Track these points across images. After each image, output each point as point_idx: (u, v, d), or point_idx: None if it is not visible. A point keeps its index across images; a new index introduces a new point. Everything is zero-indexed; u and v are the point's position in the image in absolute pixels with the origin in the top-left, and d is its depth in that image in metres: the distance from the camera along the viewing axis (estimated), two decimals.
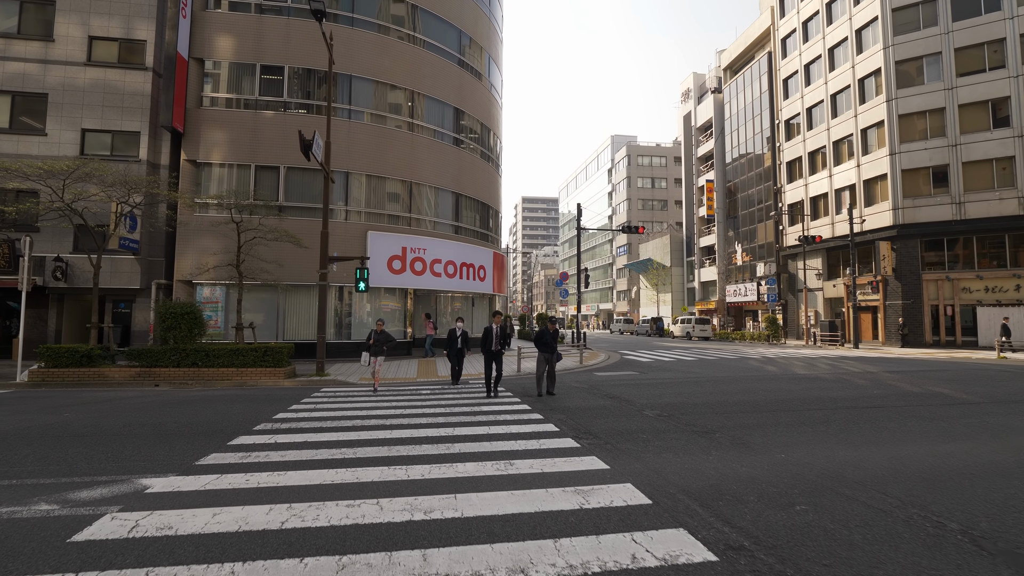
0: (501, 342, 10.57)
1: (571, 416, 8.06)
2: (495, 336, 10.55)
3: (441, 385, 12.33)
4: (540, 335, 10.56)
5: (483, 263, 22.87)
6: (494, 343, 10.50)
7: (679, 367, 16.66)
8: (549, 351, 10.37)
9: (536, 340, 10.56)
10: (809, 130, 35.86)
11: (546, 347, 10.35)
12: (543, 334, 10.53)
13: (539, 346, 10.41)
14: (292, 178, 18.54)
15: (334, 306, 18.85)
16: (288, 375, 13.23)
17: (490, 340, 10.48)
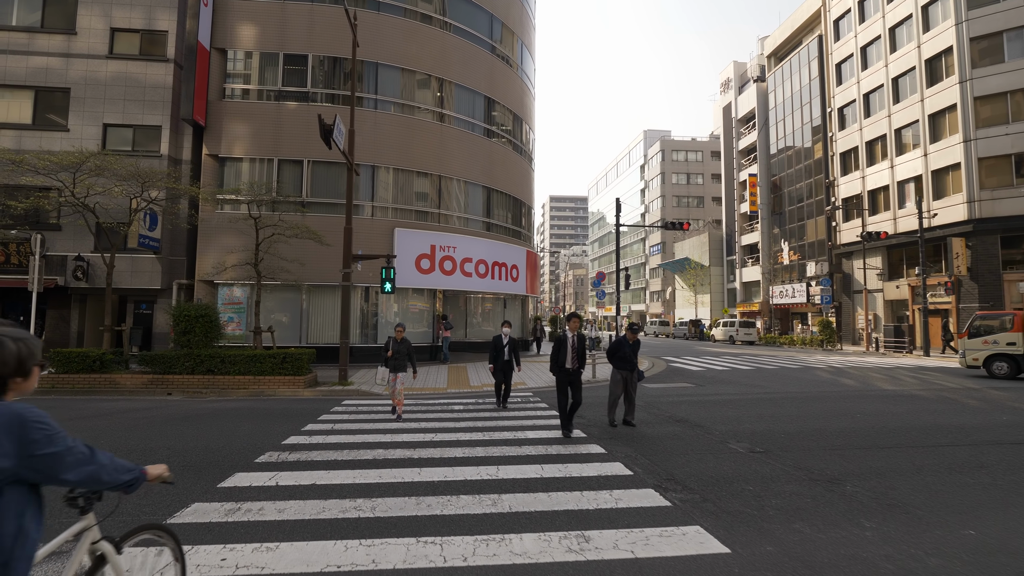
0: (580, 359, 7.42)
1: (640, 450, 6.53)
2: (571, 350, 7.35)
3: (475, 399, 10.95)
4: (616, 347, 8.17)
5: (516, 262, 21.46)
6: (569, 359, 7.32)
7: (738, 379, 14.88)
8: (628, 367, 8.11)
9: (610, 354, 8.21)
10: (867, 118, 33.21)
11: (623, 362, 8.09)
12: (620, 346, 8.18)
13: (614, 361, 8.15)
14: (317, 172, 17.50)
15: (359, 307, 17.74)
16: (308, 383, 12.08)
17: (564, 354, 7.33)
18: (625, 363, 8.12)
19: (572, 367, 7.32)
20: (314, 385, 12.28)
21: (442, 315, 18.56)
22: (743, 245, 48.29)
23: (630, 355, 8.16)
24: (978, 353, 15.68)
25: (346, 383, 12.34)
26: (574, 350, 7.39)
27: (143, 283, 16.25)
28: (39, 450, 1.57)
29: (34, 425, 1.58)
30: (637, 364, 8.27)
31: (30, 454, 1.55)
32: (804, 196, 39.88)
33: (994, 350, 15.35)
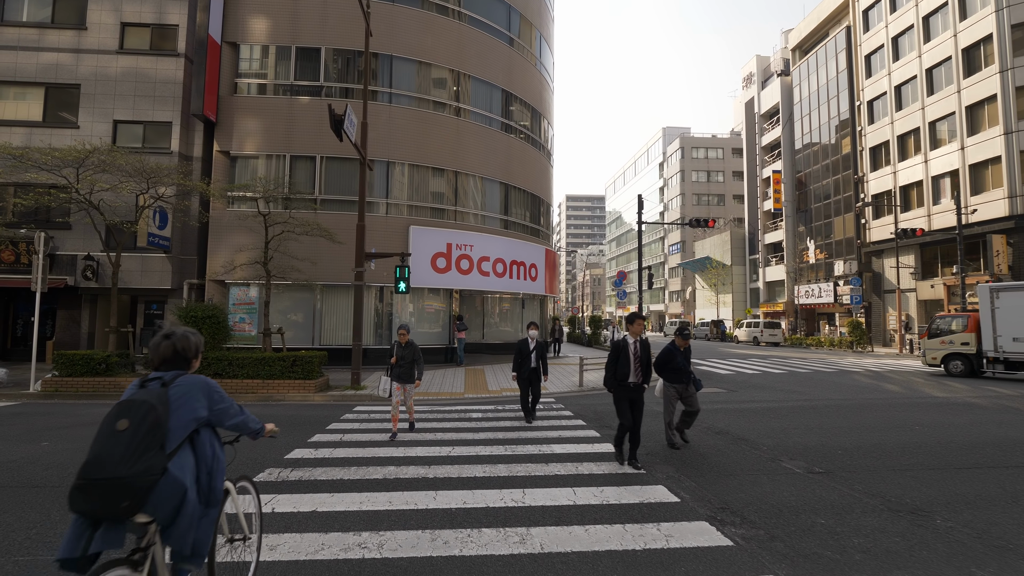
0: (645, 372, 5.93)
1: (682, 469, 5.80)
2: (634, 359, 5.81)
3: (494, 405, 10.28)
4: (667, 357, 6.83)
5: (534, 261, 20.77)
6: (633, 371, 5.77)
7: (772, 383, 13.99)
8: (682, 379, 6.90)
9: (660, 365, 6.92)
10: (898, 111, 31.87)
11: (676, 374, 6.87)
12: (671, 355, 6.86)
13: (664, 373, 6.89)
14: (330, 169, 17.01)
15: (374, 308, 17.21)
16: (319, 388, 11.53)
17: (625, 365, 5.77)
18: (679, 375, 6.89)
19: (636, 381, 5.81)
20: (325, 389, 11.73)
21: (457, 316, 17.93)
22: (766, 244, 46.96)
23: (684, 365, 6.92)
24: (937, 352, 16.77)
25: (359, 387, 11.77)
26: (638, 360, 5.81)
27: (153, 283, 15.91)
28: (216, 405, 2.40)
29: (214, 389, 2.43)
30: (693, 374, 7.07)
31: (213, 408, 2.38)
32: (831, 193, 38.54)
33: (950, 350, 16.36)
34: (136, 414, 2.08)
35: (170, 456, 2.13)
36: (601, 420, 8.68)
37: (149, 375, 2.34)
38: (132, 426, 2.05)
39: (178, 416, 2.22)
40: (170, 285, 15.98)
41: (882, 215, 33.34)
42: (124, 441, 2.01)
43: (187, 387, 2.31)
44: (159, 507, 2.06)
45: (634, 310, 15.17)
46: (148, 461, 2.03)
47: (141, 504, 2.00)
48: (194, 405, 2.30)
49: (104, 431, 2.05)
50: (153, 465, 2.03)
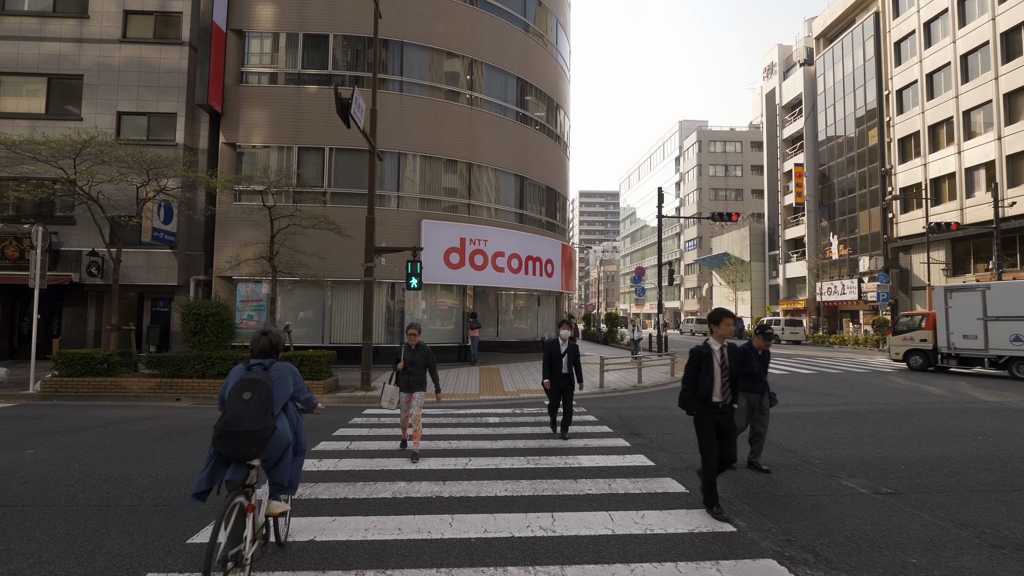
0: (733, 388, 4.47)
1: (732, 488, 5.09)
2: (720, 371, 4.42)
3: (512, 408, 9.63)
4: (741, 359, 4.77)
5: (550, 256, 20.06)
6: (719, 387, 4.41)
7: (804, 385, 13.17)
8: (757, 388, 5.74)
9: None
10: (930, 100, 30.57)
11: (750, 381, 5.71)
12: (746, 357, 5.62)
13: None
14: (339, 161, 16.45)
15: (384, 305, 16.64)
16: (328, 388, 10.98)
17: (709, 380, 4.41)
18: (753, 382, 5.74)
19: (723, 400, 4.37)
20: (334, 390, 11.18)
21: (471, 313, 17.29)
22: (787, 239, 45.69)
23: (760, 371, 5.75)
24: (899, 348, 17.97)
25: (369, 388, 11.19)
26: (725, 372, 4.37)
27: (159, 279, 15.50)
28: (298, 384, 3.32)
29: (296, 373, 3.33)
30: (768, 384, 5.85)
31: (297, 386, 3.30)
32: (856, 186, 37.25)
33: (911, 346, 17.57)
34: (255, 388, 2.94)
35: (272, 423, 2.96)
36: (628, 427, 7.98)
37: (251, 361, 3.19)
38: (254, 396, 2.91)
39: (279, 391, 3.09)
40: (176, 282, 15.55)
41: (911, 209, 32.07)
42: (250, 407, 2.88)
43: (282, 371, 3.19)
44: (271, 453, 2.99)
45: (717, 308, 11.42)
46: (266, 421, 2.91)
47: (261, 450, 2.90)
48: (288, 384, 3.19)
49: (234, 399, 2.91)
50: (269, 424, 2.92)
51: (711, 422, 4.41)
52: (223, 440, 2.86)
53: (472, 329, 16.81)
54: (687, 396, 4.51)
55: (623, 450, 6.51)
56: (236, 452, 2.88)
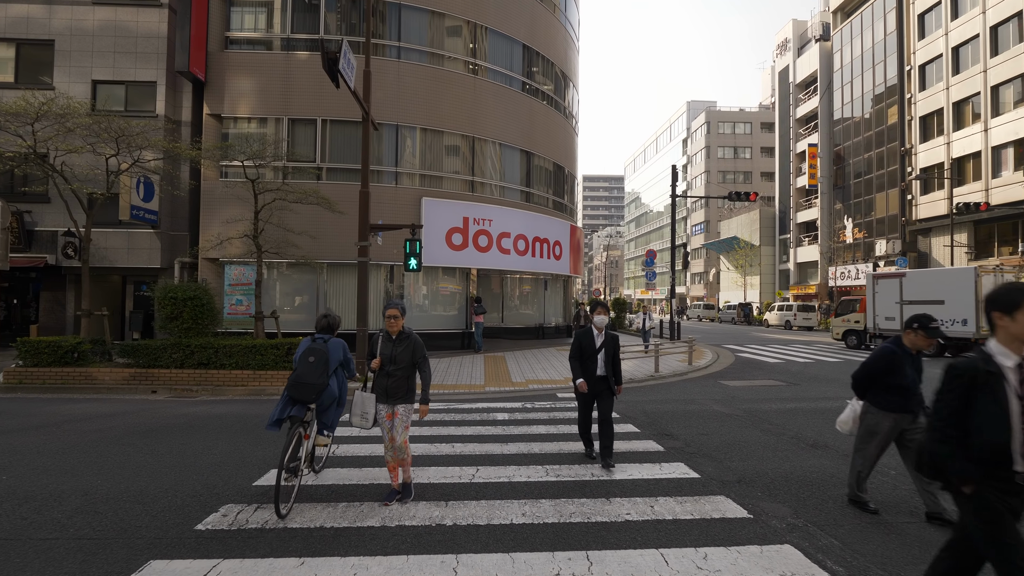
0: None
1: (802, 511, 4.08)
2: None
3: (521, 402, 8.64)
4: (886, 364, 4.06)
5: (558, 238, 18.95)
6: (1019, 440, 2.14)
7: (835, 375, 12.15)
8: (910, 407, 4.02)
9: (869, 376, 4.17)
10: (955, 75, 29.10)
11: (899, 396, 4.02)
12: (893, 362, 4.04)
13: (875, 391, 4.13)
14: (333, 134, 15.30)
15: (382, 288, 15.61)
16: None
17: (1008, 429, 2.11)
18: (904, 398, 4.00)
19: None
20: None
21: (475, 297, 16.24)
22: (798, 223, 44.41)
23: (913, 382, 3.98)
24: (839, 329, 20.47)
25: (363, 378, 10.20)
26: None
27: (141, 261, 14.48)
28: (346, 356, 4.46)
29: (346, 348, 4.45)
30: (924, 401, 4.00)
31: (344, 357, 4.43)
32: (873, 167, 35.88)
33: (848, 327, 19.98)
34: (317, 354, 4.23)
35: (327, 379, 4.21)
36: (656, 425, 6.97)
37: (315, 335, 4.44)
38: (315, 360, 4.20)
39: (332, 358, 4.31)
40: (159, 264, 14.54)
41: (931, 190, 30.78)
42: (313, 367, 4.16)
43: (335, 344, 4.42)
44: (322, 401, 4.27)
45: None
46: (323, 378, 4.17)
47: (317, 398, 4.17)
48: (338, 354, 4.41)
49: (302, 361, 4.20)
50: (324, 381, 4.18)
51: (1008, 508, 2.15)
52: (294, 387, 4.12)
53: (476, 315, 15.79)
54: (947, 452, 2.23)
55: (657, 456, 5.50)
56: (301, 396, 4.13)
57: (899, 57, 33.74)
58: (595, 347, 5.26)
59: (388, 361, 4.24)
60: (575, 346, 5.34)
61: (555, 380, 11.00)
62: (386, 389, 4.22)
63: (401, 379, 4.24)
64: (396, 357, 4.22)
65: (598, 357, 5.25)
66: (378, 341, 4.35)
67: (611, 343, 5.32)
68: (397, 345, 4.26)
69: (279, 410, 4.11)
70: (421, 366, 4.32)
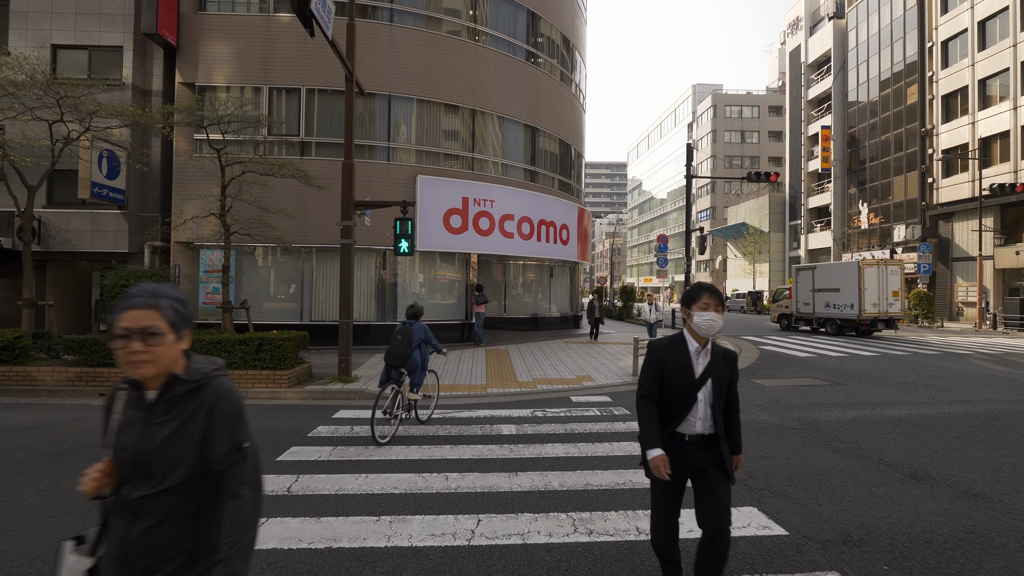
0: None
1: None
2: None
3: (530, 408, 7.33)
4: None
5: (565, 221, 17.56)
6: None
7: (877, 372, 10.84)
8: None
9: None
10: (981, 50, 27.50)
11: None
12: None
13: None
14: (320, 104, 13.86)
15: (374, 275, 14.27)
16: (297, 380, 8.71)
17: None
18: None
19: None
20: (304, 381, 8.91)
21: (476, 285, 14.89)
22: (810, 208, 42.93)
23: None
24: (775, 313, 24.14)
25: (347, 379, 8.91)
26: None
27: (107, 245, 13.13)
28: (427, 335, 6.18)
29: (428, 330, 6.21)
30: None
31: (426, 336, 6.17)
32: (891, 149, 34.34)
33: (781, 311, 23.48)
34: (403, 333, 5.85)
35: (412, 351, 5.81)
36: None
37: (405, 319, 6.13)
38: (402, 338, 5.81)
39: (415, 337, 5.89)
40: (127, 248, 13.18)
41: (954, 172, 29.30)
42: (400, 343, 5.78)
43: (418, 327, 6.01)
44: (409, 367, 5.92)
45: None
46: (406, 350, 5.76)
47: (404, 364, 5.82)
48: (420, 335, 5.99)
49: (393, 338, 5.85)
50: (408, 352, 5.78)
51: None
52: (388, 357, 5.88)
53: (477, 305, 14.47)
54: None
55: None
56: (392, 363, 5.86)
57: (920, 33, 32.07)
58: (692, 374, 2.56)
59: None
60: (650, 370, 2.61)
61: (566, 379, 9.70)
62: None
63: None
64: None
65: (699, 397, 2.56)
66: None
67: (723, 367, 2.61)
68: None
69: (384, 375, 5.94)
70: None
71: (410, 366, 5.98)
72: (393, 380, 5.86)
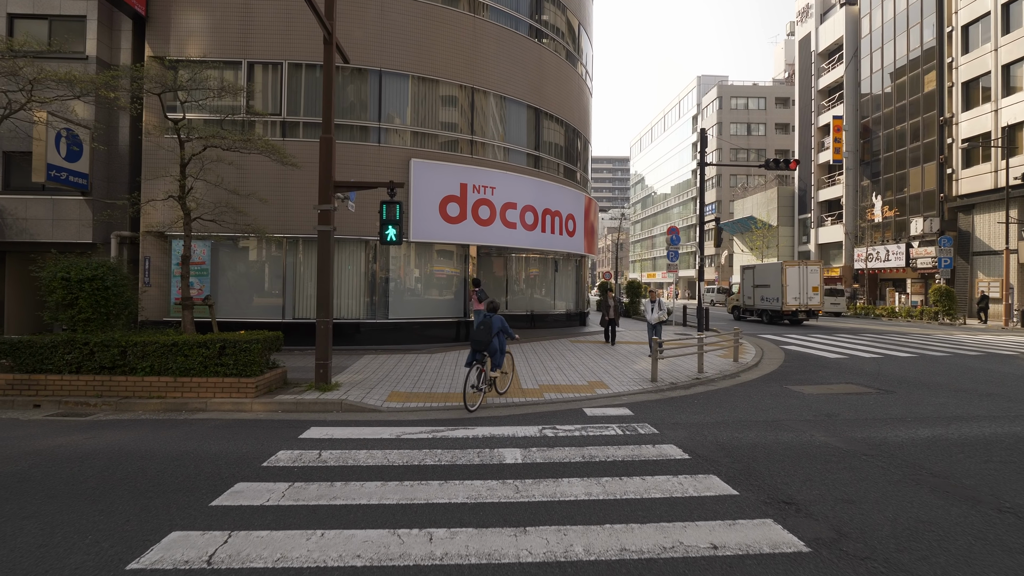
0: None
1: None
2: None
3: (539, 427, 6.14)
4: None
5: (572, 211, 16.34)
6: None
7: (925, 376, 9.66)
8: None
9: None
10: (1004, 34, 26.20)
11: None
12: None
13: None
14: (305, 81, 12.63)
15: (364, 268, 13.07)
16: (266, 388, 7.54)
17: None
18: None
19: None
20: (277, 390, 7.74)
21: (475, 279, 13.65)
22: (820, 201, 41.63)
23: None
24: (730, 304, 28.81)
25: (326, 387, 7.73)
26: None
27: (69, 235, 11.92)
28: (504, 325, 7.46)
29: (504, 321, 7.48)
30: None
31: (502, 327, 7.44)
32: (906, 139, 33.04)
33: (733, 303, 28.01)
34: (485, 323, 7.15)
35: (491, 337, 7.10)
36: (755, 477, 4.46)
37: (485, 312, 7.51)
38: (484, 327, 7.09)
39: (494, 327, 7.17)
40: (91, 238, 11.99)
41: (974, 163, 28.03)
42: (483, 331, 7.07)
43: (497, 319, 7.29)
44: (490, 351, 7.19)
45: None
46: (489, 336, 7.07)
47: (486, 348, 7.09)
48: (498, 324, 7.25)
49: (477, 327, 7.13)
50: (490, 339, 7.08)
51: None
52: (473, 342, 7.07)
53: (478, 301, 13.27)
54: None
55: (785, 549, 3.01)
56: (478, 348, 7.02)
57: (938, 17, 30.71)
58: None
59: None
60: None
61: (577, 386, 8.53)
62: None
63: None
64: None
65: None
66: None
67: None
68: None
69: (470, 357, 7.15)
70: None
71: (491, 350, 7.20)
72: (478, 361, 7.10)
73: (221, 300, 12.28)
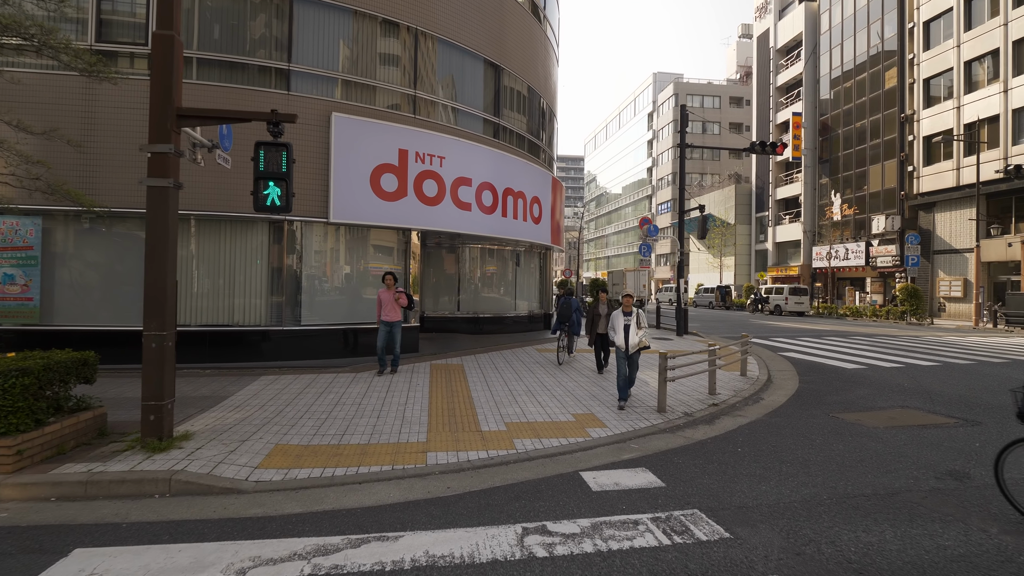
0: None
1: None
2: None
3: (515, 521, 3.40)
4: None
5: (537, 193, 13.69)
6: None
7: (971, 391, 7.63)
8: None
9: None
10: (967, 30, 25.76)
11: None
12: None
13: None
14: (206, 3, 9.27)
15: (275, 258, 9.84)
16: (42, 451, 4.44)
17: None
18: None
19: None
20: (75, 449, 4.64)
21: (390, 275, 9.87)
22: (778, 199, 41.07)
23: None
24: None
25: (158, 444, 4.68)
26: None
27: None
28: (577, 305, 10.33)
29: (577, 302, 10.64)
30: None
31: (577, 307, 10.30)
32: (866, 137, 32.60)
33: None
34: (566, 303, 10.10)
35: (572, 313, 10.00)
36: None
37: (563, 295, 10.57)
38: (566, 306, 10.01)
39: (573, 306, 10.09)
40: None
41: (936, 160, 27.60)
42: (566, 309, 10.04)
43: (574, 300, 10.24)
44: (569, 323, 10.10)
45: None
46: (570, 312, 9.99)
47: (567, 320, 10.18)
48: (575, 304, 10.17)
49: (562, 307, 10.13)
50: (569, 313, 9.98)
51: None
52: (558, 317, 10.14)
53: (400, 299, 10.32)
54: None
55: None
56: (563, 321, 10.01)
57: (899, 13, 30.29)
58: None
59: None
60: None
61: (559, 423, 5.87)
62: None
63: None
64: None
65: None
66: None
67: None
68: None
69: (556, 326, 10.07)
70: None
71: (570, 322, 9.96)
72: (563, 331, 10.02)
73: (61, 299, 8.84)
